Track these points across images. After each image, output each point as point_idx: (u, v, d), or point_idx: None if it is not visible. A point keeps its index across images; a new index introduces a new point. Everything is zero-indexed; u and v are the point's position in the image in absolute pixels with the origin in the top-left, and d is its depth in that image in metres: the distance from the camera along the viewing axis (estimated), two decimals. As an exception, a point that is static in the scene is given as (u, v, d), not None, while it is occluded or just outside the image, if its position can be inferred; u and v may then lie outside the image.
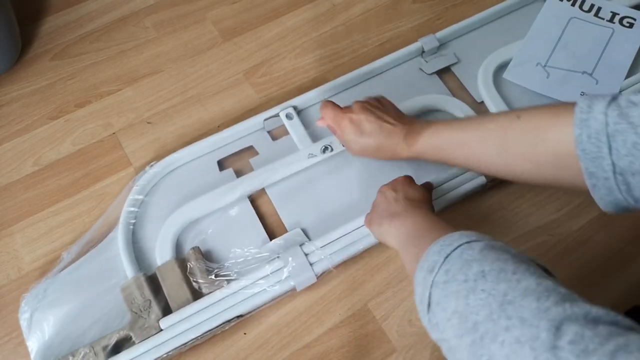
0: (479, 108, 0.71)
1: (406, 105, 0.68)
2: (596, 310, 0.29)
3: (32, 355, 0.56)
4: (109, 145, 0.70)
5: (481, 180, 0.63)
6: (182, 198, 0.64)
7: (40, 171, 0.68)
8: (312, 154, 0.65)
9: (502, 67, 0.74)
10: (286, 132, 0.69)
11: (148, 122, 0.72)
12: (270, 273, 0.58)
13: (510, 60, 0.74)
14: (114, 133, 0.71)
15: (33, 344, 0.56)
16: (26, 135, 0.71)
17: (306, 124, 0.69)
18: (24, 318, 0.58)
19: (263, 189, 0.65)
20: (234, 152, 0.68)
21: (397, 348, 0.58)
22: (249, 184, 0.64)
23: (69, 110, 0.73)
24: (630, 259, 0.64)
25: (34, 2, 0.82)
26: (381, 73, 0.74)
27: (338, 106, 0.60)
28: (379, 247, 0.62)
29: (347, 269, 0.62)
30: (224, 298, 0.57)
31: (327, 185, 0.66)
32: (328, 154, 0.65)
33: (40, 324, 0.57)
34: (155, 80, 0.75)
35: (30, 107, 0.73)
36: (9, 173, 0.68)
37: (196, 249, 0.60)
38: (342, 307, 0.60)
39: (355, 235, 0.60)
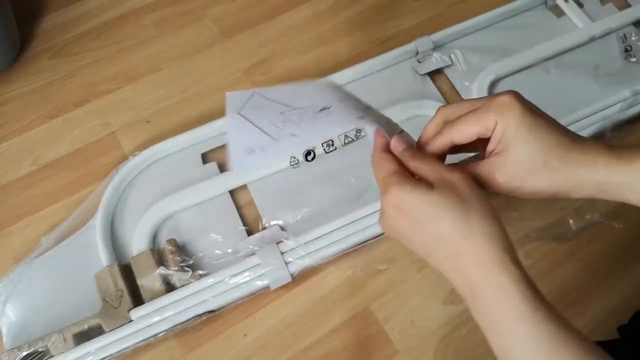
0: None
1: (392, 111, 0.68)
2: None
3: (4, 339, 0.57)
4: (108, 144, 0.70)
5: None
6: (164, 189, 0.64)
7: (39, 171, 0.68)
8: (294, 159, 0.65)
9: (499, 80, 0.73)
10: None
11: (147, 121, 0.71)
12: (245, 269, 0.58)
13: (511, 72, 0.72)
14: (112, 132, 0.70)
15: (5, 328, 0.57)
16: (24, 135, 0.70)
17: None
18: None
19: (245, 184, 0.66)
20: (218, 145, 0.68)
21: (399, 350, 0.58)
22: (231, 180, 0.64)
23: (67, 110, 0.72)
24: (635, 260, 0.63)
25: (33, 1, 0.81)
26: (375, 72, 0.73)
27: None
28: (380, 247, 0.62)
29: (349, 269, 0.61)
30: (196, 292, 0.57)
31: (309, 185, 0.65)
32: (310, 161, 0.65)
33: (14, 308, 0.58)
34: (155, 79, 0.75)
35: (28, 106, 0.72)
36: (7, 173, 0.67)
37: (172, 241, 0.60)
38: (343, 308, 0.60)
39: (335, 235, 0.59)
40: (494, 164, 0.36)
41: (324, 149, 0.66)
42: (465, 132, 0.37)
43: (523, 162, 0.35)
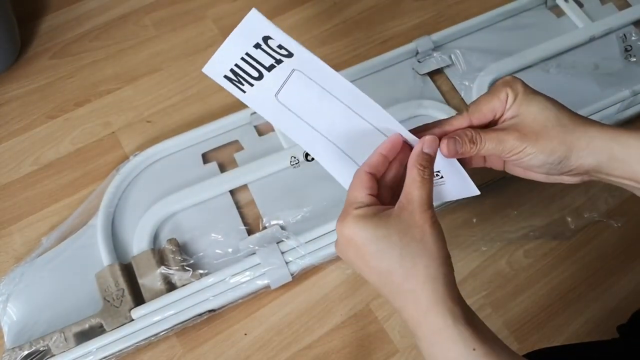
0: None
1: (392, 111, 0.67)
2: None
3: (5, 338, 0.57)
4: (108, 144, 0.70)
5: None
6: (164, 189, 0.64)
7: (40, 170, 0.68)
8: (295, 159, 0.65)
9: (499, 79, 0.73)
10: (273, 128, 0.68)
11: (148, 121, 0.71)
12: (246, 269, 0.58)
13: (511, 72, 0.72)
14: (113, 132, 0.71)
15: (6, 327, 0.57)
16: (25, 135, 0.70)
17: None
18: None
19: (245, 184, 0.66)
20: (219, 145, 0.68)
21: (399, 349, 0.58)
22: (232, 180, 0.65)
23: (68, 109, 0.72)
24: (634, 259, 0.63)
25: (34, 1, 0.81)
26: (376, 72, 0.73)
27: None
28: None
29: (349, 268, 0.61)
30: (197, 291, 0.57)
31: (309, 184, 0.65)
32: (310, 161, 0.65)
33: (15, 308, 0.58)
34: (155, 79, 0.75)
35: (29, 106, 0.72)
36: (8, 172, 0.68)
37: (173, 241, 0.60)
38: (343, 307, 0.60)
39: (335, 235, 0.59)
40: (508, 125, 0.38)
41: (324, 149, 0.66)
42: (482, 107, 0.39)
43: (536, 117, 0.37)
